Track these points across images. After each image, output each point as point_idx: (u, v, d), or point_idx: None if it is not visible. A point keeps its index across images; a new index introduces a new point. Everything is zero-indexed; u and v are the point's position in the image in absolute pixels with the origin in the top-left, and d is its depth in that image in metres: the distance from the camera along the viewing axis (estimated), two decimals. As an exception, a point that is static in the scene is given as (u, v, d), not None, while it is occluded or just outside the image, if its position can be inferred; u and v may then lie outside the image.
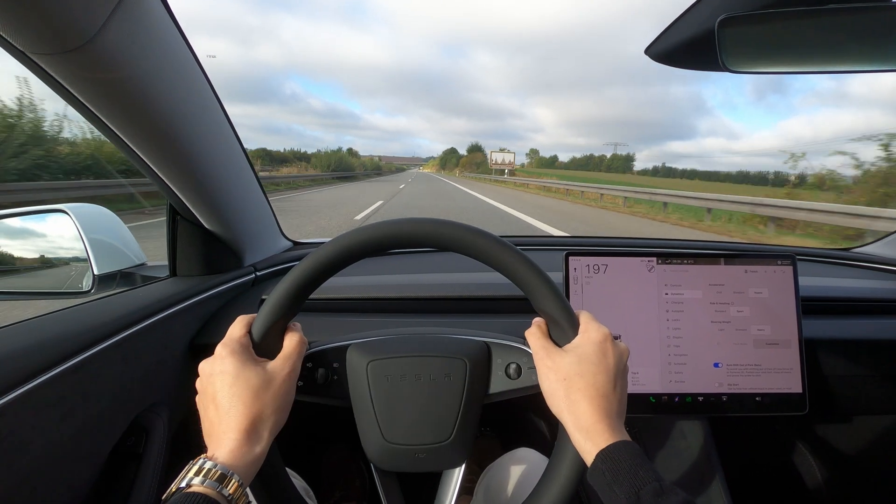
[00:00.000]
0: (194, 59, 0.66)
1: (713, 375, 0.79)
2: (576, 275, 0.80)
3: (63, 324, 0.61)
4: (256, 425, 0.44)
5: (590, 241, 1.28)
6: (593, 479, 0.43)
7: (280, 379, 0.47)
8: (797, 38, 0.57)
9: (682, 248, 1.15)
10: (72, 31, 0.46)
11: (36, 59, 0.49)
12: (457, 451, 0.55)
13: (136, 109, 0.59)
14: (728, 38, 0.56)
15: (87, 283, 0.84)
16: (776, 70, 0.62)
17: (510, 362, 0.56)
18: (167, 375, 0.76)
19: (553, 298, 0.49)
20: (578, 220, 9.76)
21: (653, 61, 0.68)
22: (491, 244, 0.48)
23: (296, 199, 13.52)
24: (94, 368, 0.60)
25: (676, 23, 0.60)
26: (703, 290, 0.80)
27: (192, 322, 0.82)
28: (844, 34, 0.56)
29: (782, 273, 0.81)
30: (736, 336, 0.80)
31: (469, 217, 8.44)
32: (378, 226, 0.49)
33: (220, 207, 0.81)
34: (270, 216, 1.06)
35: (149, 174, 0.71)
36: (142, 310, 0.70)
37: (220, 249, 0.88)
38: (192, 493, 0.38)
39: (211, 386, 0.46)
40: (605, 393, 0.46)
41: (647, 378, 0.79)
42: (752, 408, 0.80)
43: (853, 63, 0.58)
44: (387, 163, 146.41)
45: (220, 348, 0.47)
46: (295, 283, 0.48)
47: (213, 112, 0.74)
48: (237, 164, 0.84)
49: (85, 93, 0.55)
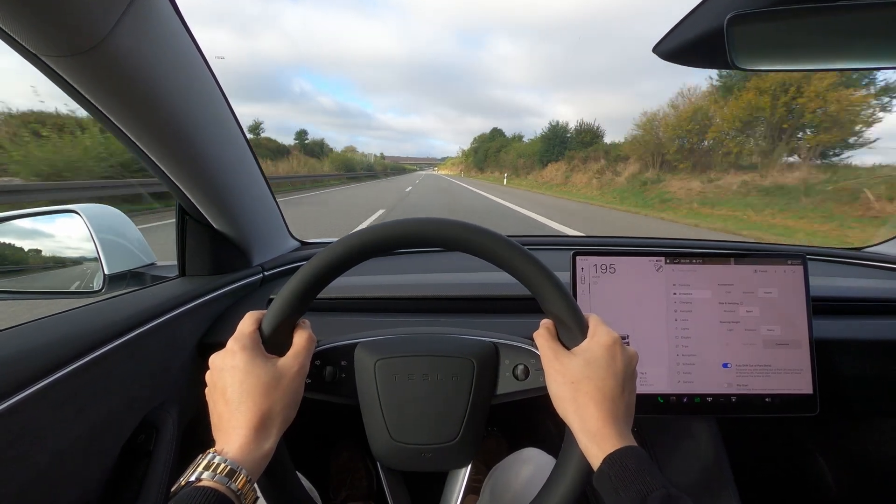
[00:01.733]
0: (203, 60, 0.66)
1: (722, 376, 0.79)
2: (583, 275, 0.80)
3: (75, 323, 0.62)
4: (266, 421, 0.45)
5: (597, 241, 1.28)
6: (599, 483, 0.43)
7: (290, 376, 0.47)
8: (807, 35, 0.57)
9: (691, 248, 1.14)
10: (82, 33, 0.46)
11: (47, 61, 0.49)
12: (463, 451, 0.55)
13: (146, 110, 0.60)
14: (737, 36, 0.55)
15: (97, 282, 0.85)
16: (786, 68, 0.62)
17: (518, 363, 0.56)
18: (176, 374, 0.77)
19: (562, 300, 0.49)
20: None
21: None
22: (498, 244, 0.48)
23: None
24: (106, 367, 0.61)
25: (685, 21, 0.60)
26: (711, 290, 0.79)
27: (201, 321, 0.83)
28: (855, 31, 0.55)
29: (792, 273, 0.81)
30: (745, 336, 0.79)
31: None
32: (386, 225, 0.49)
33: (228, 207, 0.82)
34: (278, 216, 1.07)
35: (158, 174, 0.71)
36: (151, 309, 0.71)
37: (228, 249, 0.89)
38: (201, 486, 0.39)
39: (221, 380, 0.46)
40: (612, 397, 0.46)
41: (655, 378, 0.79)
42: (762, 409, 0.79)
43: (864, 60, 0.58)
44: (393, 161, 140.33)
45: (231, 343, 0.48)
46: (305, 281, 0.49)
47: (222, 112, 0.74)
48: (245, 164, 0.85)
49: (95, 94, 0.55)
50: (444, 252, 1.02)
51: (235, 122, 0.79)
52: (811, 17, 0.54)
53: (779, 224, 9.72)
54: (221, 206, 0.81)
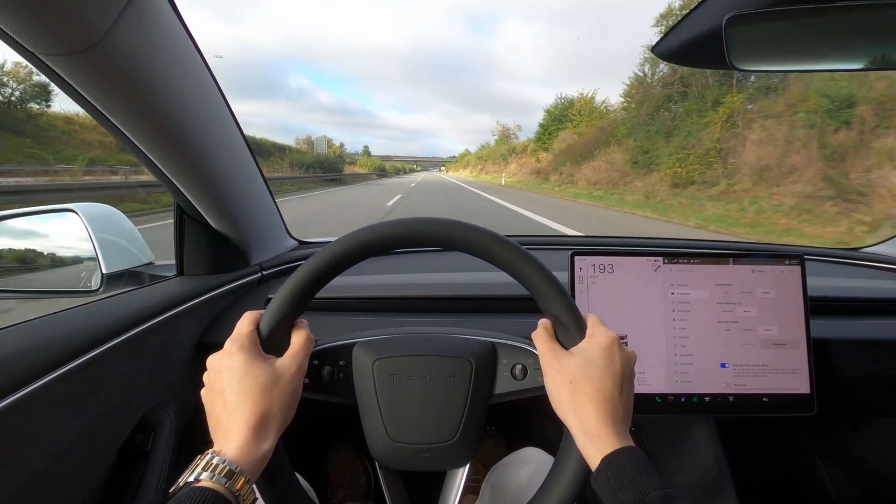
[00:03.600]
0: (201, 59, 0.66)
1: (720, 376, 0.79)
2: (581, 274, 0.80)
3: (72, 322, 0.62)
4: (264, 422, 0.44)
5: (595, 241, 1.28)
6: (597, 484, 0.43)
7: (288, 376, 0.47)
8: (805, 36, 0.57)
9: (688, 248, 1.14)
10: (81, 31, 0.46)
11: (45, 59, 0.49)
12: (461, 450, 0.55)
13: (144, 109, 0.59)
14: (735, 37, 0.56)
15: (95, 281, 0.85)
16: (784, 68, 0.62)
17: (516, 363, 0.56)
18: (174, 374, 0.76)
19: (560, 300, 0.49)
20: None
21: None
22: (497, 244, 0.48)
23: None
24: (103, 366, 0.61)
25: (684, 21, 0.60)
26: (709, 290, 0.80)
27: (199, 321, 0.83)
28: (852, 32, 0.55)
29: (790, 273, 0.81)
30: (743, 336, 0.79)
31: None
32: (384, 225, 0.49)
33: (227, 207, 0.82)
34: (276, 216, 1.07)
35: (156, 174, 0.71)
36: (149, 308, 0.71)
37: (226, 249, 0.89)
38: (199, 487, 0.38)
39: (219, 381, 0.46)
40: (610, 398, 0.46)
41: (653, 378, 0.79)
42: (759, 408, 0.79)
43: (861, 61, 0.58)
44: (382, 160, 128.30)
45: (229, 344, 0.47)
46: (303, 280, 0.49)
47: (220, 112, 0.74)
48: (243, 163, 0.84)
49: (93, 93, 0.55)
50: (442, 251, 1.02)
51: (234, 121, 0.79)
52: (809, 18, 0.54)
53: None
54: (220, 206, 0.81)
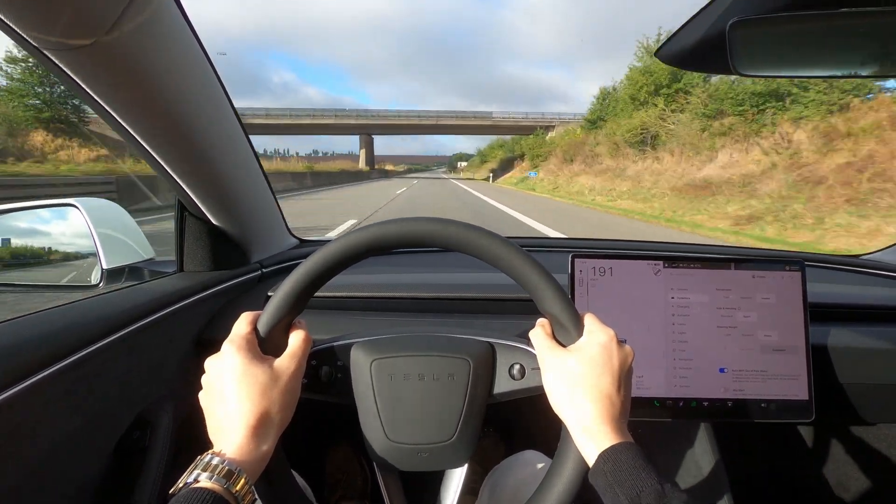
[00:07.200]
0: (205, 56, 0.66)
1: (719, 380, 0.79)
2: (581, 277, 0.80)
3: (71, 317, 0.61)
4: (264, 423, 0.44)
5: (596, 244, 1.28)
6: (595, 479, 0.43)
7: (287, 376, 0.47)
8: (809, 41, 0.57)
9: (689, 253, 1.14)
10: (85, 26, 0.46)
11: (49, 54, 0.49)
12: (460, 450, 0.55)
13: (147, 105, 0.60)
14: (739, 42, 0.55)
15: (95, 276, 0.85)
16: (788, 74, 0.62)
17: (514, 363, 0.56)
18: (173, 370, 0.76)
19: (557, 299, 0.49)
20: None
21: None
22: (496, 245, 0.49)
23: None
24: (101, 362, 0.61)
25: (687, 25, 0.60)
26: (709, 295, 0.80)
27: (199, 317, 0.83)
28: (857, 38, 0.55)
29: (790, 279, 0.81)
30: (742, 341, 0.79)
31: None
32: (384, 225, 0.49)
33: (228, 204, 0.82)
34: (277, 213, 1.07)
35: (158, 170, 0.71)
36: (149, 304, 0.70)
37: (227, 246, 0.89)
38: (199, 488, 0.38)
39: (218, 382, 0.46)
40: (608, 395, 0.46)
41: (651, 381, 0.79)
42: (758, 414, 0.79)
43: (868, 67, 0.58)
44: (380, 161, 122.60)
45: (226, 345, 0.47)
46: (301, 281, 0.49)
47: (223, 109, 0.74)
48: (246, 161, 0.84)
49: (96, 88, 0.55)
50: (441, 251, 1.02)
51: (236, 118, 0.79)
52: (814, 23, 0.54)
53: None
54: (221, 203, 0.81)
